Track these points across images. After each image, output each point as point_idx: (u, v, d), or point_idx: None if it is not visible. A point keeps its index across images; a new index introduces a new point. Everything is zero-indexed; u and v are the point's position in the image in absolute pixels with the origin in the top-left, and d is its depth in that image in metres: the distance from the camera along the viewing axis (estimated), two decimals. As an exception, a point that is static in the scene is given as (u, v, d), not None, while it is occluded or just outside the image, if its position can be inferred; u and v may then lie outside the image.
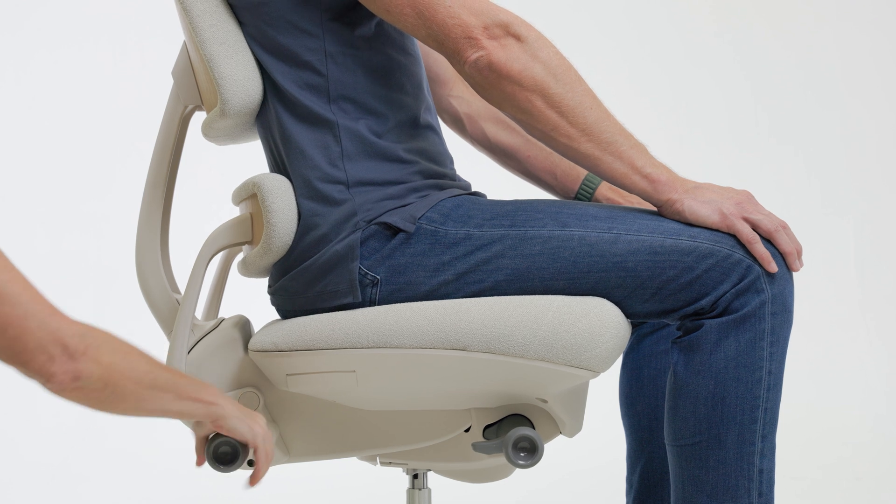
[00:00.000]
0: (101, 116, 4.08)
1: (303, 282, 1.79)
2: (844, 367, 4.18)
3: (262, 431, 1.64)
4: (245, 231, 1.85)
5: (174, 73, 1.94)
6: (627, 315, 1.74)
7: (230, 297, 2.06)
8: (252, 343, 1.80)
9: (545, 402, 1.77)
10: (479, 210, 1.78)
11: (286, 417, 1.85)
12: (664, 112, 4.43)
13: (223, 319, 1.88)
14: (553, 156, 2.00)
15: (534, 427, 1.79)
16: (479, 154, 2.07)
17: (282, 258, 1.80)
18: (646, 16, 4.51)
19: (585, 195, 2.00)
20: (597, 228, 1.73)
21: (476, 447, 1.76)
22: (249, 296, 2.41)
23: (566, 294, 1.73)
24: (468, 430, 1.83)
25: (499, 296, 1.74)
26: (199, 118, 1.94)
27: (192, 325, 1.85)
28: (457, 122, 2.05)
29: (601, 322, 1.69)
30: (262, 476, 1.66)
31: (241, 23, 1.84)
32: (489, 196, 1.90)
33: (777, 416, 1.72)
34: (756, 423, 1.70)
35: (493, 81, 1.72)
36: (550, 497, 3.45)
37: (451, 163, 1.90)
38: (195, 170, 2.69)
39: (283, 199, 1.77)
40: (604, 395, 2.41)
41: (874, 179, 4.48)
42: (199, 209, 3.41)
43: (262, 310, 1.99)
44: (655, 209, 1.77)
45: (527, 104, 1.72)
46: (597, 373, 1.71)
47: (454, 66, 1.74)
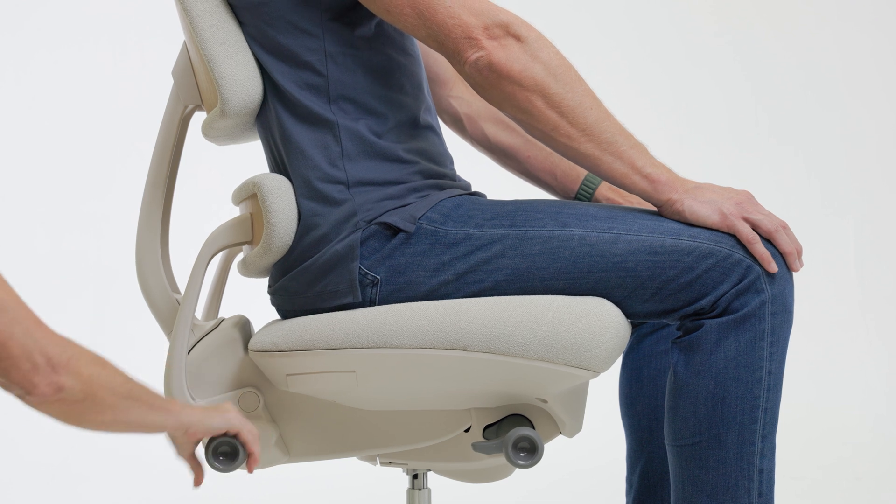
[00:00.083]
0: (101, 116, 4.08)
1: (303, 282, 1.79)
2: (844, 367, 4.18)
3: (235, 415, 1.65)
4: (245, 231, 1.85)
5: (174, 73, 1.94)
6: (627, 315, 1.74)
7: (230, 297, 2.06)
8: (252, 343, 1.80)
9: (545, 402, 1.77)
10: (479, 210, 1.78)
11: (286, 417, 1.85)
12: (664, 112, 4.43)
13: (223, 319, 1.88)
14: (553, 156, 2.00)
15: (534, 427, 1.79)
16: (479, 154, 2.07)
17: (282, 258, 1.80)
18: (646, 16, 4.51)
19: (585, 195, 2.00)
20: (597, 228, 1.73)
21: (476, 447, 1.76)
22: (249, 296, 2.41)
23: (566, 294, 1.73)
24: (468, 430, 1.83)
25: (499, 296, 1.74)
26: (199, 118, 1.94)
27: (192, 325, 1.85)
28: (457, 123, 2.05)
29: (601, 322, 1.69)
30: (258, 455, 1.67)
31: (242, 23, 1.84)
32: (489, 196, 1.90)
33: (777, 416, 1.72)
34: (756, 423, 1.70)
35: (494, 81, 1.72)
36: (550, 497, 3.45)
37: (451, 163, 1.90)
38: (195, 170, 2.69)
39: (283, 199, 1.77)
40: (604, 395, 2.41)
41: (874, 179, 4.48)
42: (199, 209, 3.40)
43: (262, 310, 1.99)
44: (655, 209, 1.77)
45: (527, 104, 1.72)
46: (597, 373, 1.71)
47: (454, 67, 1.74)
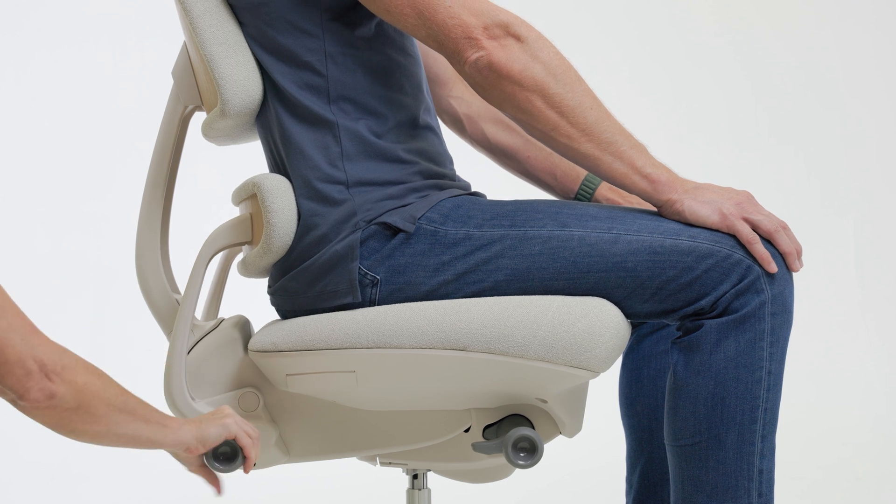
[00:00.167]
0: (101, 116, 4.08)
1: (303, 282, 1.79)
2: (844, 367, 4.18)
3: (232, 420, 1.65)
4: (245, 231, 1.85)
5: (174, 74, 1.94)
6: (627, 315, 1.74)
7: (230, 297, 2.06)
8: (252, 343, 1.80)
9: (545, 403, 1.77)
10: (479, 210, 1.78)
11: (286, 418, 1.85)
12: (664, 112, 4.43)
13: (223, 319, 1.88)
14: (553, 156, 2.00)
15: (534, 427, 1.79)
16: (479, 154, 2.07)
17: (281, 258, 1.80)
18: (646, 16, 4.51)
19: (585, 195, 2.00)
20: (597, 228, 1.73)
21: (476, 447, 1.76)
22: (249, 296, 2.41)
23: (566, 294, 1.73)
24: (468, 431, 1.83)
25: (499, 296, 1.74)
26: (199, 118, 1.94)
27: (192, 326, 1.85)
28: (456, 123, 2.05)
29: (601, 322, 1.69)
30: (254, 459, 1.67)
31: (242, 23, 1.84)
32: (489, 196, 1.90)
33: (777, 417, 1.72)
34: (756, 424, 1.70)
35: (493, 81, 1.72)
36: (550, 497, 3.45)
37: (451, 163, 1.90)
38: (195, 170, 2.69)
39: (283, 200, 1.77)
40: (604, 395, 2.41)
41: (874, 179, 4.48)
42: (199, 209, 3.40)
43: (262, 310, 1.99)
44: (655, 209, 1.77)
45: (527, 104, 1.72)
46: (597, 373, 1.71)
47: (454, 67, 1.74)
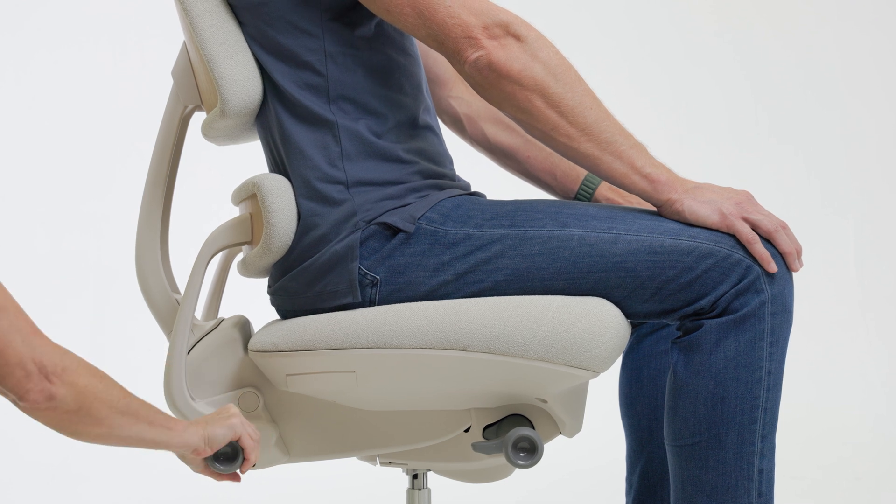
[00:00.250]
0: (101, 116, 4.08)
1: (302, 282, 1.79)
2: (844, 367, 4.18)
3: (238, 420, 1.64)
4: (245, 231, 1.85)
5: (174, 73, 1.94)
6: (627, 315, 1.74)
7: (230, 297, 2.06)
8: (252, 343, 1.80)
9: (545, 402, 1.77)
10: (479, 210, 1.78)
11: (286, 417, 1.85)
12: (664, 112, 4.43)
13: (223, 319, 1.88)
14: (553, 156, 2.00)
15: (534, 427, 1.79)
16: (479, 154, 2.07)
17: (281, 258, 1.80)
18: (646, 15, 4.51)
19: (585, 195, 2.00)
20: (596, 228, 1.73)
21: (476, 447, 1.76)
22: (249, 296, 2.41)
23: (566, 294, 1.73)
24: (468, 430, 1.83)
25: (499, 296, 1.74)
26: (199, 118, 1.94)
27: (192, 325, 1.85)
28: (456, 123, 2.05)
29: (601, 322, 1.69)
30: (253, 461, 1.67)
31: (241, 23, 1.84)
32: (489, 196, 1.90)
33: (777, 416, 1.72)
34: (756, 423, 1.70)
35: (493, 81, 1.72)
36: (550, 497, 3.45)
37: (451, 163, 1.90)
38: (195, 170, 2.69)
39: (283, 199, 1.77)
40: (604, 395, 2.41)
41: (874, 179, 4.48)
42: (199, 209, 3.41)
43: (262, 310, 1.99)
44: (655, 209, 1.77)
45: (526, 104, 1.72)
46: (597, 373, 1.71)
47: (454, 66, 1.74)
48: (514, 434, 1.72)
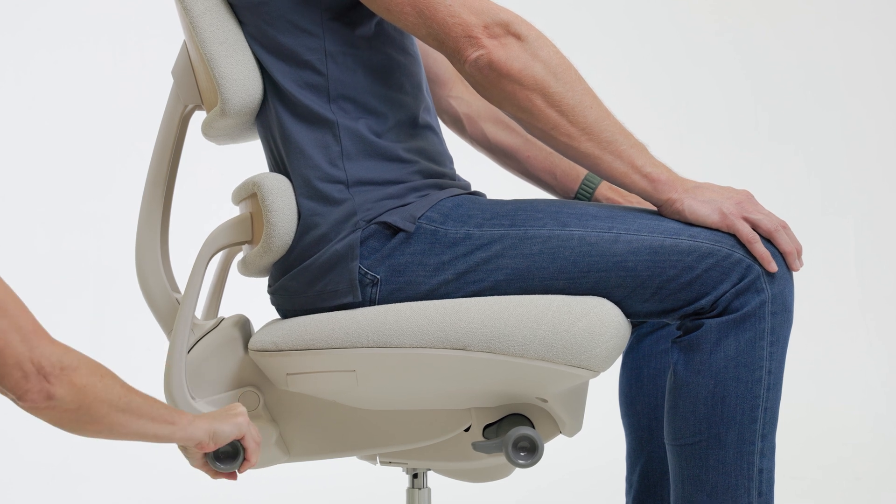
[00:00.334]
0: (101, 116, 4.08)
1: (303, 281, 1.79)
2: (844, 367, 4.18)
3: (244, 418, 1.64)
4: (245, 230, 1.85)
5: (174, 73, 1.94)
6: (627, 315, 1.74)
7: (230, 297, 2.06)
8: (252, 342, 1.80)
9: (545, 402, 1.76)
10: (479, 209, 1.78)
11: (286, 417, 1.85)
12: (664, 112, 4.43)
13: (223, 319, 1.88)
14: (553, 156, 2.00)
15: (534, 427, 1.79)
16: (479, 154, 2.07)
17: (282, 258, 1.80)
18: (646, 15, 4.51)
19: (585, 195, 2.00)
20: (597, 228, 1.73)
21: (476, 447, 1.76)
22: (249, 295, 2.41)
23: (566, 294, 1.73)
24: (468, 430, 1.83)
25: (499, 295, 1.74)
26: (199, 118, 1.94)
27: (192, 325, 1.85)
28: (456, 123, 2.05)
29: (601, 322, 1.69)
30: (254, 462, 1.67)
31: (242, 22, 1.84)
32: (489, 196, 1.90)
33: (777, 416, 1.72)
34: (756, 423, 1.70)
35: (494, 80, 1.72)
36: (550, 497, 3.45)
37: (451, 163, 1.90)
38: (195, 169, 2.69)
39: (283, 199, 1.77)
40: (604, 395, 2.41)
41: (874, 179, 4.48)
42: (199, 209, 3.40)
43: (262, 309, 1.99)
44: (655, 209, 1.77)
45: (527, 103, 1.72)
46: (597, 372, 1.71)
47: (454, 65, 1.74)
48: (515, 433, 1.72)
